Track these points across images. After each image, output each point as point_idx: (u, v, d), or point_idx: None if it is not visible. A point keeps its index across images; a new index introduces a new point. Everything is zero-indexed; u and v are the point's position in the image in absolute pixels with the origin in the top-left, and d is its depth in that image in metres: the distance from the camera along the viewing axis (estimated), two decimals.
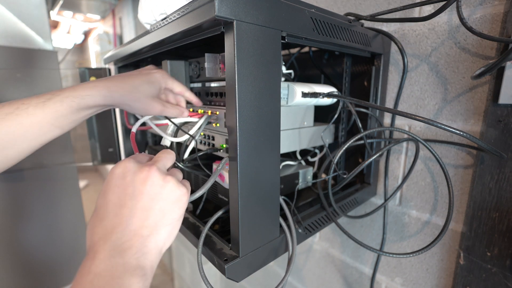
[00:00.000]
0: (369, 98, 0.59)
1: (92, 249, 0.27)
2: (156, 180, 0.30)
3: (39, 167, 1.17)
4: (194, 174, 0.55)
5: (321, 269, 0.89)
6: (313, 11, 0.39)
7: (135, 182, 0.30)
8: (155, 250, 0.29)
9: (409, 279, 0.65)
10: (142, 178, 0.30)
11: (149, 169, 0.30)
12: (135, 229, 0.28)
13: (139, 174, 0.30)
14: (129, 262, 0.27)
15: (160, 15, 0.47)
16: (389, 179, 0.65)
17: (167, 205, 0.31)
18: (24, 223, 1.16)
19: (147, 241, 0.29)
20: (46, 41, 1.14)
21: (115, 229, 0.28)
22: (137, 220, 0.29)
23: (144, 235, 0.29)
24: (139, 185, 0.30)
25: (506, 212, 0.46)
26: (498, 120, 0.45)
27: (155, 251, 0.29)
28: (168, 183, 0.31)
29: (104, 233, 0.28)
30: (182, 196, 0.32)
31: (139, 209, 0.29)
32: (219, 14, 0.29)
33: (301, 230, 0.46)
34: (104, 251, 0.27)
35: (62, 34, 2.80)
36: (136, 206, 0.29)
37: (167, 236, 0.31)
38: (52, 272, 1.27)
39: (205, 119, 0.47)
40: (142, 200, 0.29)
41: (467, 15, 0.49)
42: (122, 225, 0.28)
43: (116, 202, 0.29)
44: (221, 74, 0.44)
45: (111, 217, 0.29)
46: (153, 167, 0.31)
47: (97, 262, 0.26)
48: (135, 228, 0.28)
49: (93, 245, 0.28)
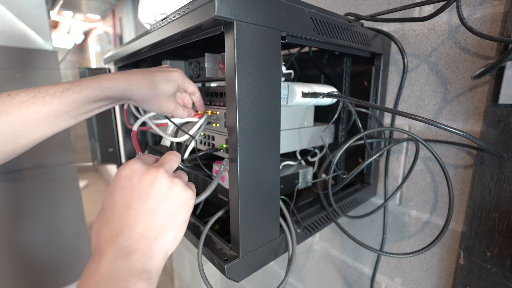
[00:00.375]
0: (369, 98, 0.59)
1: (98, 251, 0.27)
2: (164, 182, 0.30)
3: (39, 167, 1.17)
4: (194, 174, 0.55)
5: (321, 269, 0.89)
6: (313, 11, 0.39)
7: (142, 183, 0.29)
8: (161, 253, 0.29)
9: (409, 279, 0.65)
10: (150, 180, 0.30)
11: (157, 171, 0.30)
12: (142, 232, 0.28)
13: (146, 175, 0.30)
14: (134, 265, 0.27)
15: (160, 15, 0.47)
16: (389, 179, 0.65)
17: (174, 207, 0.30)
18: (24, 223, 1.16)
19: (154, 244, 0.29)
20: (46, 41, 1.14)
21: (121, 231, 0.28)
22: (143, 223, 0.28)
23: (151, 238, 0.28)
24: (146, 187, 0.29)
25: (506, 212, 0.46)
26: (498, 120, 0.45)
27: (161, 254, 0.29)
28: (175, 186, 0.31)
29: (110, 235, 0.28)
30: (188, 199, 0.32)
31: (146, 211, 0.29)
32: (219, 14, 0.29)
33: (300, 230, 0.46)
34: (110, 253, 0.27)
35: (62, 34, 2.80)
36: (143, 208, 0.29)
37: (173, 239, 0.31)
38: (52, 272, 1.27)
39: (205, 119, 0.47)
40: (149, 202, 0.29)
41: (467, 15, 0.49)
42: (129, 227, 0.28)
43: (123, 203, 0.29)
44: (221, 74, 0.44)
45: (117, 219, 0.28)
46: (161, 168, 0.30)
47: (103, 264, 0.26)
48: (142, 230, 0.28)
49: (99, 246, 0.27)
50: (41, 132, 0.35)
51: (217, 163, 0.50)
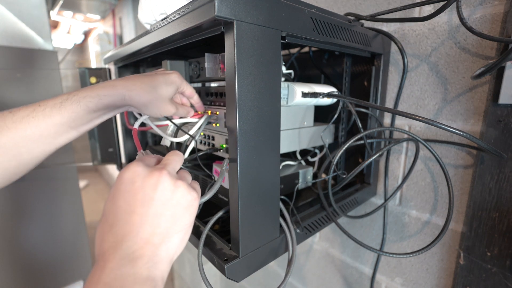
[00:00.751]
0: (369, 98, 0.59)
1: (102, 258, 0.27)
2: (167, 185, 0.29)
3: (39, 167, 1.17)
4: (194, 174, 0.55)
5: (321, 269, 0.89)
6: (313, 11, 0.39)
7: (145, 187, 0.29)
8: (166, 258, 0.29)
9: (409, 279, 0.65)
10: (153, 184, 0.29)
11: (160, 174, 0.29)
12: (147, 237, 0.28)
13: (149, 179, 0.29)
14: (139, 272, 0.26)
15: (160, 15, 0.47)
16: (389, 179, 0.65)
17: (178, 210, 0.30)
18: (24, 223, 1.16)
19: (159, 250, 0.28)
20: (46, 41, 1.14)
21: (125, 236, 0.27)
22: (148, 227, 0.28)
23: (156, 243, 0.28)
24: (150, 190, 0.29)
25: (506, 212, 0.46)
26: (498, 120, 0.45)
27: (166, 260, 0.29)
28: (179, 188, 0.30)
29: (114, 241, 0.27)
30: (193, 201, 0.31)
31: (150, 216, 0.28)
32: (219, 14, 0.29)
33: (300, 230, 0.46)
34: (114, 259, 0.26)
35: (62, 34, 2.80)
36: (147, 213, 0.28)
37: (179, 243, 0.30)
38: (52, 272, 1.27)
39: (205, 119, 0.47)
40: (153, 206, 0.28)
41: (467, 15, 0.49)
42: (133, 233, 0.27)
43: (126, 208, 0.28)
44: (221, 74, 0.44)
45: (121, 224, 0.28)
46: (163, 171, 0.30)
47: (107, 272, 0.25)
48: (147, 236, 0.28)
49: (103, 253, 0.27)
50: (43, 147, 0.35)
51: (217, 163, 0.50)
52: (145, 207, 0.28)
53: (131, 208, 0.28)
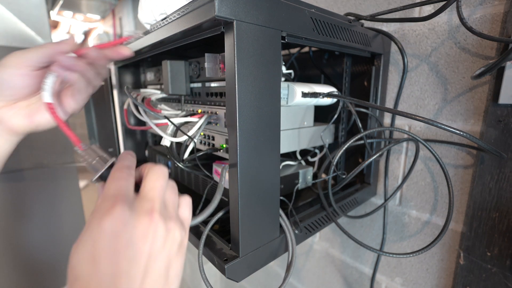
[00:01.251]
0: (369, 98, 0.59)
1: None
2: (160, 231, 0.26)
3: (39, 167, 1.17)
4: (194, 174, 0.55)
5: (321, 269, 0.89)
6: (313, 11, 0.39)
7: (133, 239, 0.24)
8: None
9: (409, 279, 0.65)
10: (142, 234, 0.25)
11: (150, 220, 0.25)
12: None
13: (137, 229, 0.24)
14: None
15: (160, 15, 0.47)
16: (389, 179, 0.65)
17: (170, 257, 0.27)
18: (24, 223, 1.16)
19: None
20: (46, 41, 1.14)
21: None
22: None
23: None
24: (139, 241, 0.24)
25: (506, 212, 0.46)
26: (498, 120, 0.45)
27: None
28: (170, 232, 0.26)
29: None
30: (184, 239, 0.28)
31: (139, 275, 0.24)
32: (219, 14, 0.29)
33: (300, 230, 0.46)
34: None
35: (62, 34, 2.80)
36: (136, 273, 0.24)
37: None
38: (52, 272, 1.27)
39: (205, 119, 0.47)
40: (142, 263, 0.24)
41: (467, 15, 0.49)
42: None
43: (111, 272, 0.23)
44: (221, 74, 0.44)
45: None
46: (154, 215, 0.26)
47: None
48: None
49: None
50: None
51: (217, 163, 0.50)
52: (132, 265, 0.24)
53: (117, 269, 0.23)
